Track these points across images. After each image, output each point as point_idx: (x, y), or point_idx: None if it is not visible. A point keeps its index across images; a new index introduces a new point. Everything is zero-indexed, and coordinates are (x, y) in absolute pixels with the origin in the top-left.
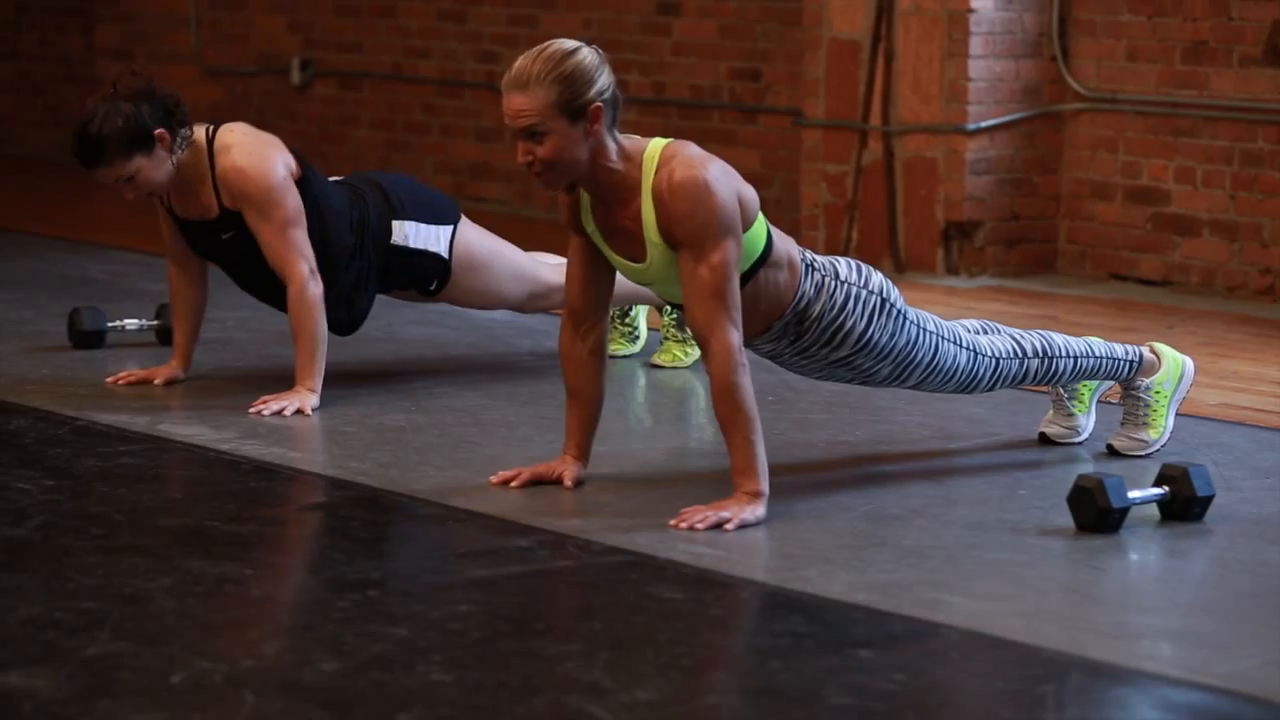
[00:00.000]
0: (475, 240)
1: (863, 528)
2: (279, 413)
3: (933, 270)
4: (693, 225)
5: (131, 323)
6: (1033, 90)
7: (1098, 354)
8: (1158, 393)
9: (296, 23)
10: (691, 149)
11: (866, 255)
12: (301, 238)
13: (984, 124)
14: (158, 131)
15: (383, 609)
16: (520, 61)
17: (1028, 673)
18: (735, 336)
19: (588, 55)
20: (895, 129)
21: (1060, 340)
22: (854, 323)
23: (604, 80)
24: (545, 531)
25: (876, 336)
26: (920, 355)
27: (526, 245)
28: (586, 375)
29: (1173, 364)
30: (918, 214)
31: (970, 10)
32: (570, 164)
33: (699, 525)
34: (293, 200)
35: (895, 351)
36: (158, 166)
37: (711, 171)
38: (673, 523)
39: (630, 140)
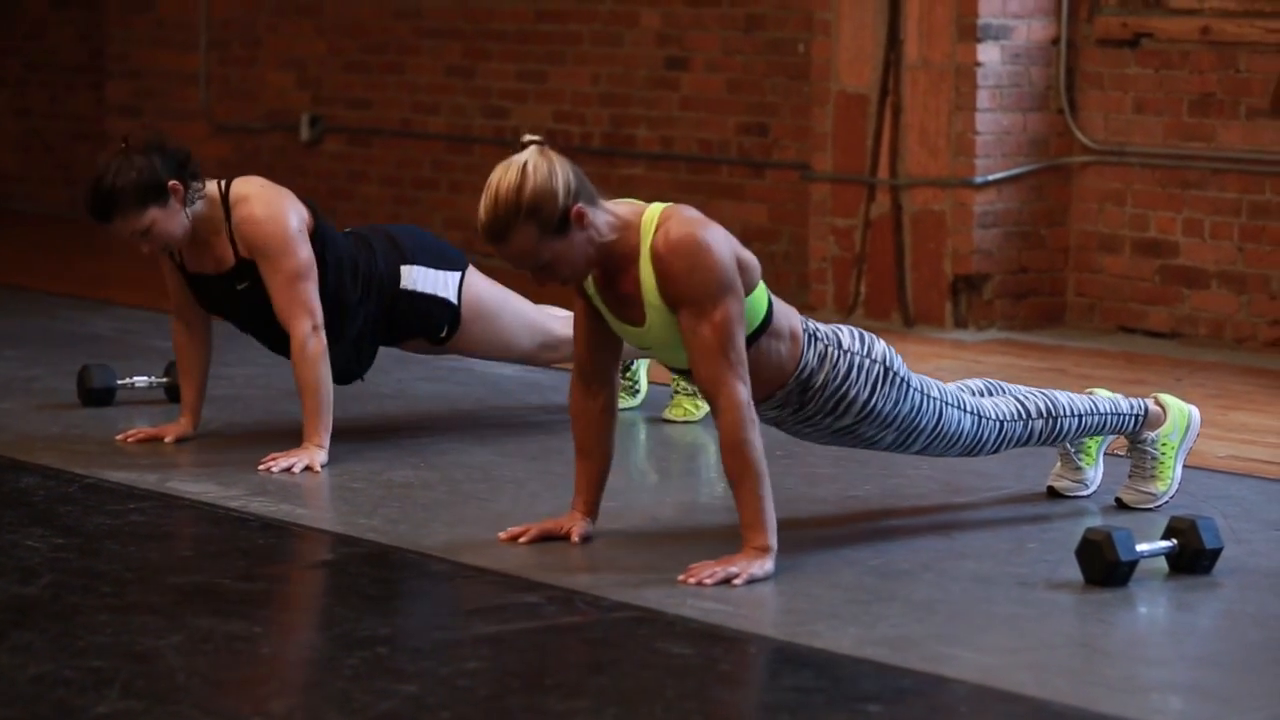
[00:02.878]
0: (484, 288)
1: (871, 582)
2: (288, 470)
3: (941, 324)
4: (691, 283)
5: (141, 380)
6: (1040, 143)
7: (1102, 411)
8: (1164, 445)
9: (305, 79)
10: (689, 210)
11: (874, 309)
12: (309, 291)
13: (991, 177)
14: (171, 183)
15: (391, 666)
16: (484, 213)
17: None
18: (743, 392)
19: (535, 167)
20: (903, 182)
21: (1064, 400)
22: (857, 391)
23: (562, 178)
24: (554, 587)
25: (880, 405)
26: (924, 422)
27: (536, 301)
28: (597, 433)
29: (1178, 415)
30: (926, 267)
31: (977, 64)
32: (586, 262)
33: (707, 580)
34: (304, 253)
35: (899, 419)
36: (172, 218)
37: (709, 231)
38: (681, 578)
39: (628, 206)
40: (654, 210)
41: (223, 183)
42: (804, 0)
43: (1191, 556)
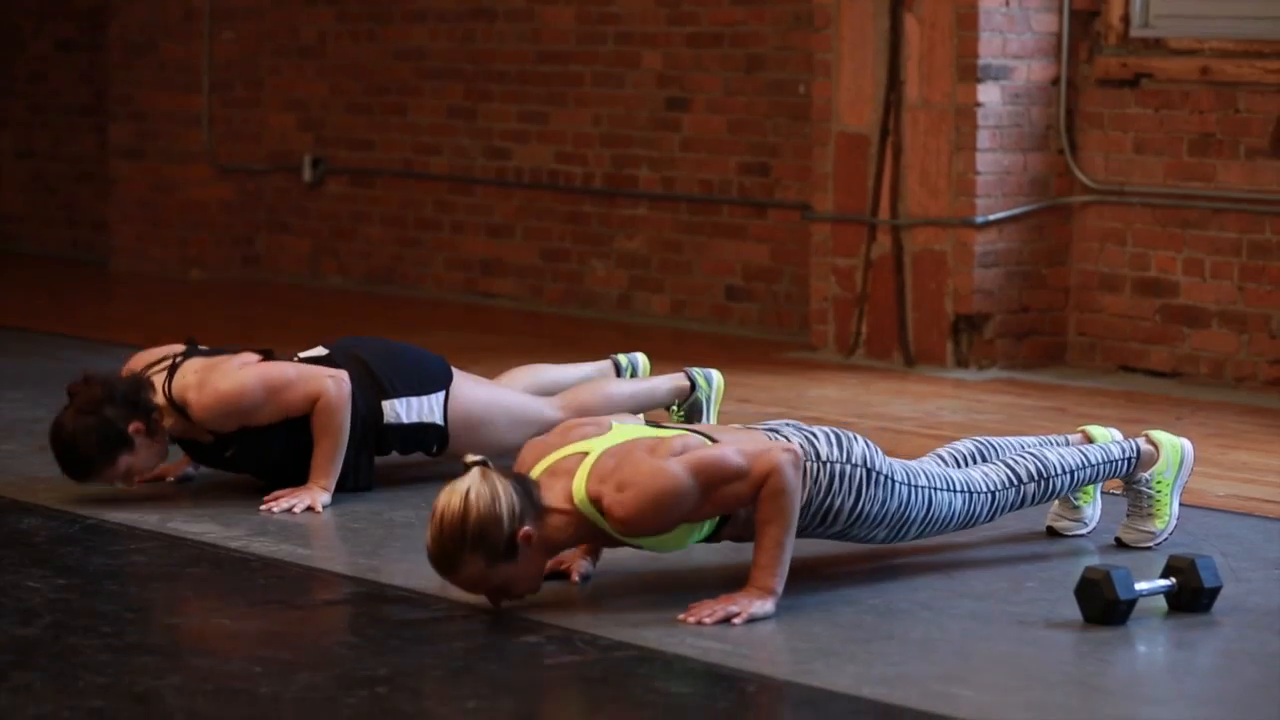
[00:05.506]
0: (470, 397)
1: (870, 621)
2: (289, 510)
3: (942, 363)
4: (670, 519)
5: None
6: (1040, 183)
7: (1094, 462)
8: (1159, 483)
9: (307, 120)
10: (607, 468)
11: (875, 349)
12: (304, 374)
13: (992, 217)
14: (132, 428)
15: (391, 705)
16: (431, 543)
17: None
18: (781, 455)
19: (478, 496)
20: (904, 222)
21: (1055, 458)
22: (842, 501)
23: (505, 502)
24: (553, 627)
25: (867, 508)
26: (914, 513)
27: (538, 341)
28: None
29: (1171, 451)
30: (927, 307)
31: (977, 104)
32: (538, 577)
33: (707, 619)
34: (271, 373)
35: (889, 516)
36: (145, 453)
37: (650, 493)
38: (682, 617)
39: (556, 491)
40: (580, 492)
41: (165, 384)
42: (805, 41)
43: (1190, 595)
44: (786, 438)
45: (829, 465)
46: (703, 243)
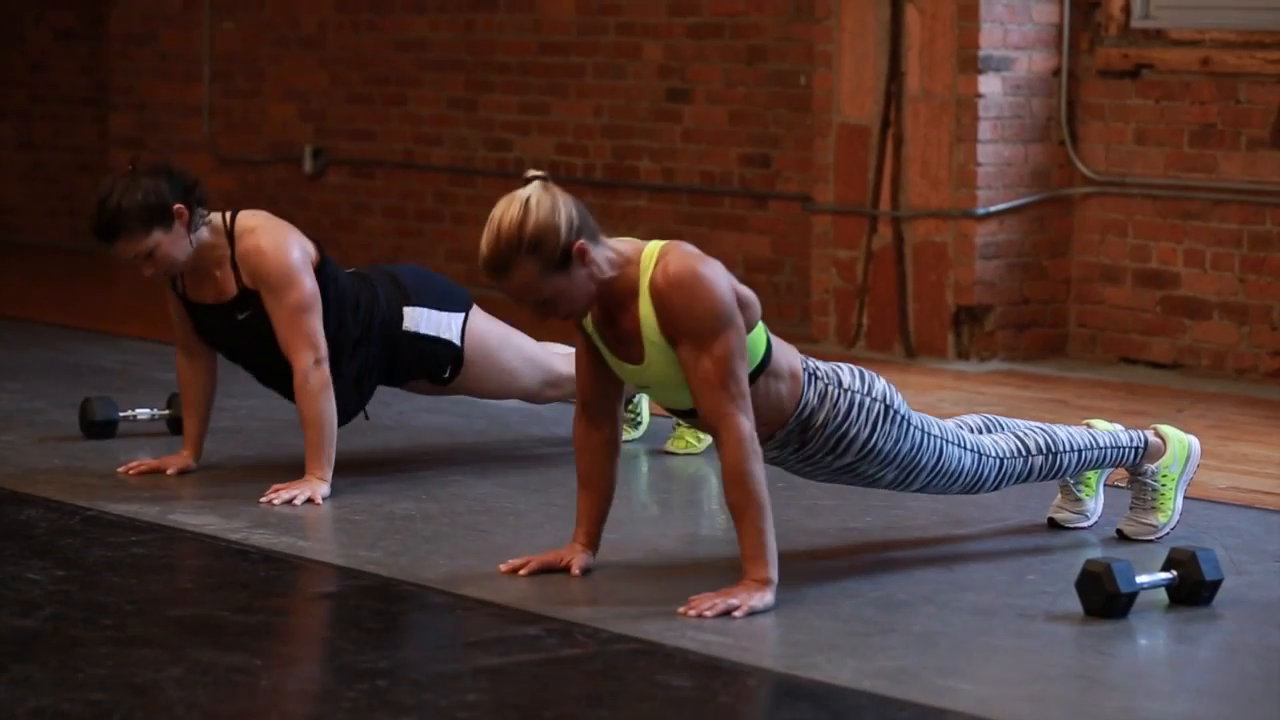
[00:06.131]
0: (487, 328)
1: (871, 614)
2: (289, 502)
3: (943, 355)
4: (691, 316)
5: (143, 412)
6: (1041, 174)
7: (1102, 445)
8: (1164, 476)
9: (308, 111)
10: (688, 246)
11: (877, 340)
12: (313, 324)
13: (993, 208)
14: (176, 206)
15: (391, 699)
16: (485, 246)
17: None
18: (746, 424)
19: (538, 202)
20: (905, 214)
21: (1064, 435)
22: (858, 430)
23: (565, 213)
24: (553, 620)
25: (880, 443)
26: (925, 460)
27: (538, 333)
28: (599, 465)
29: (1178, 446)
30: (928, 298)
31: (979, 95)
32: (586, 299)
33: (707, 613)
34: (308, 285)
35: (900, 457)
36: (176, 243)
37: (707, 265)
38: (682, 610)
39: (629, 243)
40: (654, 246)
41: (228, 214)
42: (805, 32)
43: (1191, 588)
44: (816, 364)
45: (849, 393)
46: (704, 234)
